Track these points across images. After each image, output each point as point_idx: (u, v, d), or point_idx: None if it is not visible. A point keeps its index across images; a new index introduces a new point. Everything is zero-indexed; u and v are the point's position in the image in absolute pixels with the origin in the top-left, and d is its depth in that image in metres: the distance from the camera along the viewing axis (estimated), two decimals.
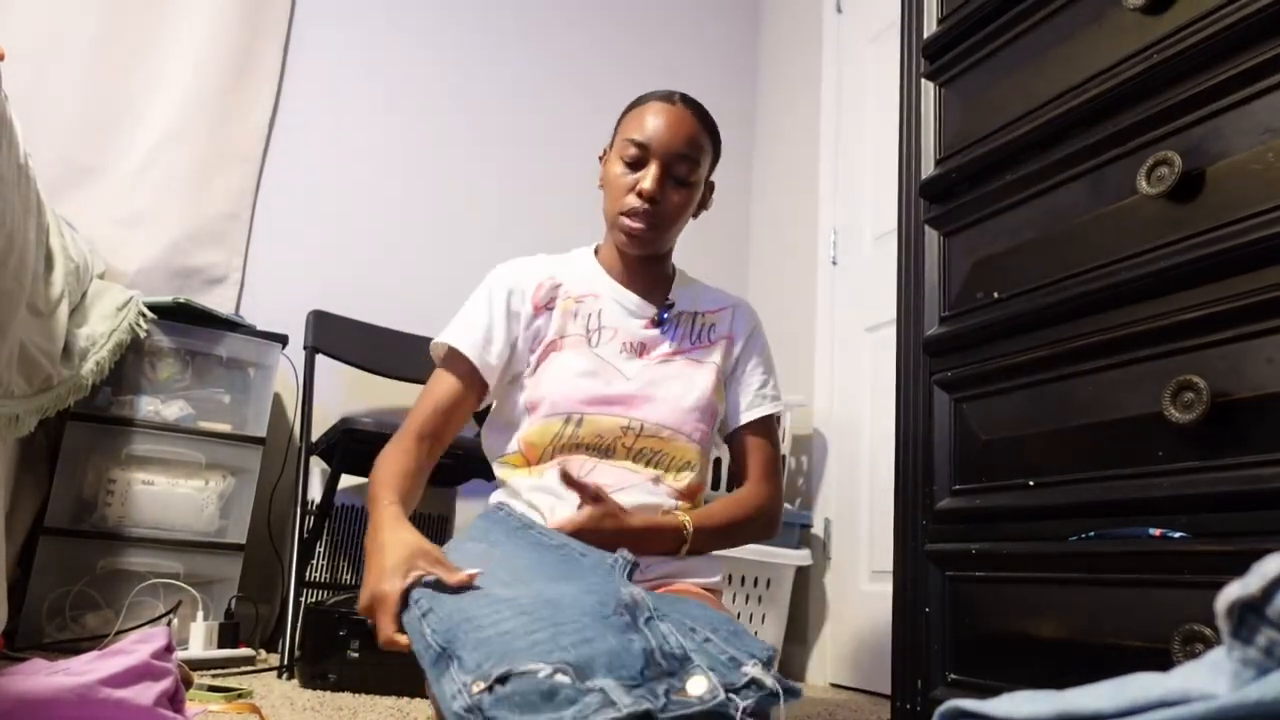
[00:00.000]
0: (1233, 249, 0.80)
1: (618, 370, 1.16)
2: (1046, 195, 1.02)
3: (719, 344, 1.22)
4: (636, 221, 1.14)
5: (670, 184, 1.15)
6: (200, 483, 1.92)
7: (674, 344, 1.20)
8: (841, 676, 2.23)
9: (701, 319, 1.24)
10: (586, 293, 1.21)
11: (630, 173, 1.15)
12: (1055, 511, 0.93)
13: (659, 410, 1.13)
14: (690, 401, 1.16)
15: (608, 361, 1.16)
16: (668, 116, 1.15)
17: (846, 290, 2.49)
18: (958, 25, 1.16)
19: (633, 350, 1.18)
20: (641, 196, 1.13)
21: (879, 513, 2.19)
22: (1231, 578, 0.39)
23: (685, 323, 1.23)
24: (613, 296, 1.21)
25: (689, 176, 1.16)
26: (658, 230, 1.16)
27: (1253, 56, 0.82)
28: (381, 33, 2.63)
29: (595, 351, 1.16)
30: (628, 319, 1.20)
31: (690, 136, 1.15)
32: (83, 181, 2.17)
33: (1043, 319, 0.98)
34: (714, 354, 1.21)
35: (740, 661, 0.68)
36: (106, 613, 1.77)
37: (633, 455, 1.12)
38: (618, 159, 1.16)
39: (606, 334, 1.18)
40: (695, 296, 1.26)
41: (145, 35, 2.29)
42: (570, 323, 1.18)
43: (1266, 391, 0.77)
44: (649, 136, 1.14)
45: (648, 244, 1.18)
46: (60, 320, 1.62)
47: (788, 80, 2.98)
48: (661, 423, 1.13)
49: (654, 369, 1.17)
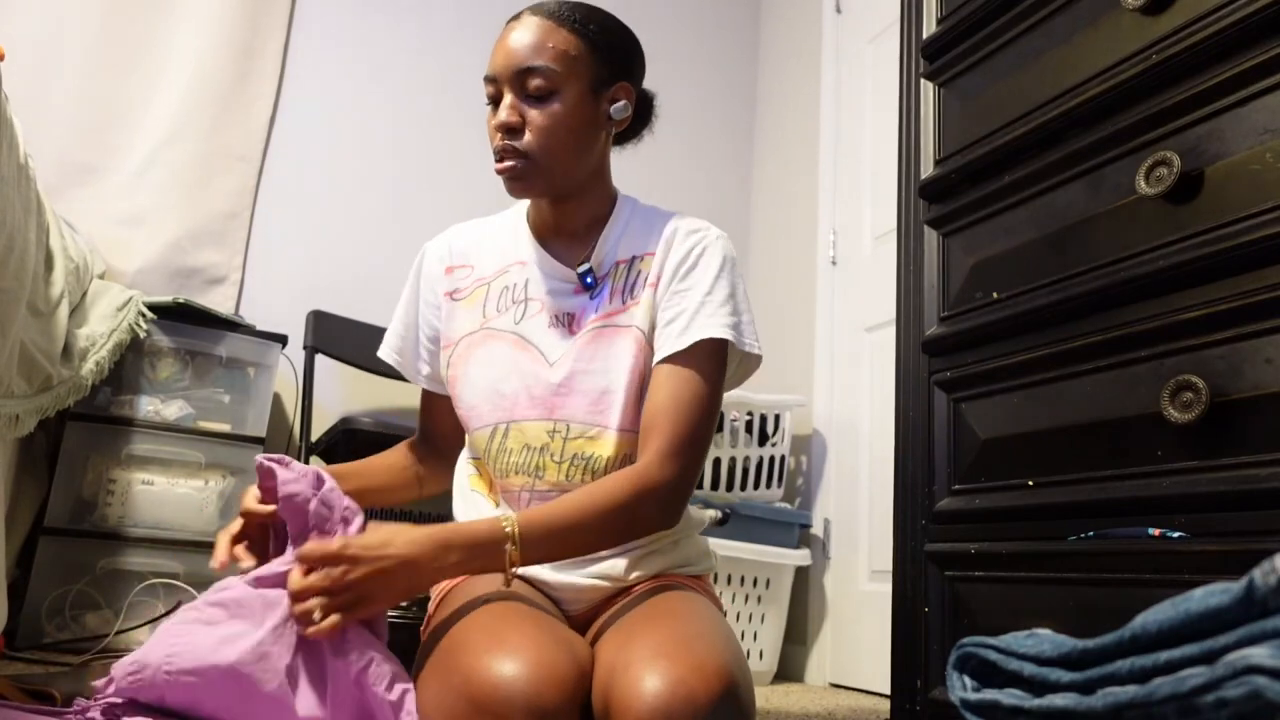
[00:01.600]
0: (1232, 249, 0.80)
1: (542, 355, 1.01)
2: (1046, 195, 1.02)
3: (645, 294, 1.01)
4: (502, 162, 0.98)
5: (527, 105, 0.97)
6: (200, 482, 1.92)
7: (600, 310, 1.02)
8: (841, 676, 2.23)
9: (636, 265, 1.03)
10: (511, 262, 1.07)
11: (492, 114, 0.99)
12: (1055, 511, 0.93)
13: (581, 405, 0.98)
14: (612, 384, 0.99)
15: (532, 343, 1.01)
16: (508, 35, 0.99)
17: (846, 290, 2.49)
18: (957, 26, 1.16)
19: (561, 324, 1.02)
20: (497, 130, 0.97)
21: (878, 512, 2.19)
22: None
23: (618, 276, 1.03)
24: (537, 262, 1.05)
25: (548, 86, 0.96)
26: (530, 162, 0.97)
27: (1252, 56, 0.82)
28: (382, 33, 2.63)
29: (519, 332, 1.02)
30: (555, 286, 1.04)
31: (535, 43, 0.97)
32: (83, 181, 2.17)
33: (1042, 319, 0.98)
34: (639, 310, 1.01)
35: None
36: (106, 613, 1.77)
37: (564, 469, 0.98)
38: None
39: (533, 307, 1.03)
40: (637, 233, 1.06)
41: (145, 35, 2.29)
42: (488, 305, 1.05)
43: (1266, 391, 0.77)
44: (494, 67, 0.98)
45: (528, 183, 0.99)
46: (60, 320, 1.62)
47: (787, 80, 2.98)
48: (587, 420, 0.98)
49: (578, 348, 1.00)
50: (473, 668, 0.77)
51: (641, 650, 0.79)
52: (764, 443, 2.28)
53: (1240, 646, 0.40)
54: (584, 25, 1.01)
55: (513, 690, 0.74)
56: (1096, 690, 0.48)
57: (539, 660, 0.76)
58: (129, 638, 1.73)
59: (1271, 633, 0.40)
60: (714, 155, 3.03)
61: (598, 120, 1.02)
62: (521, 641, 0.78)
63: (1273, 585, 0.40)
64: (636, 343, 1.00)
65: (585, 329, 1.01)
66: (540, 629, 0.82)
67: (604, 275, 1.04)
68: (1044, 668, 0.52)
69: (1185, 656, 0.43)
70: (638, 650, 0.79)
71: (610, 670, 0.79)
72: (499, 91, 0.98)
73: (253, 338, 2.07)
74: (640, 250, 1.04)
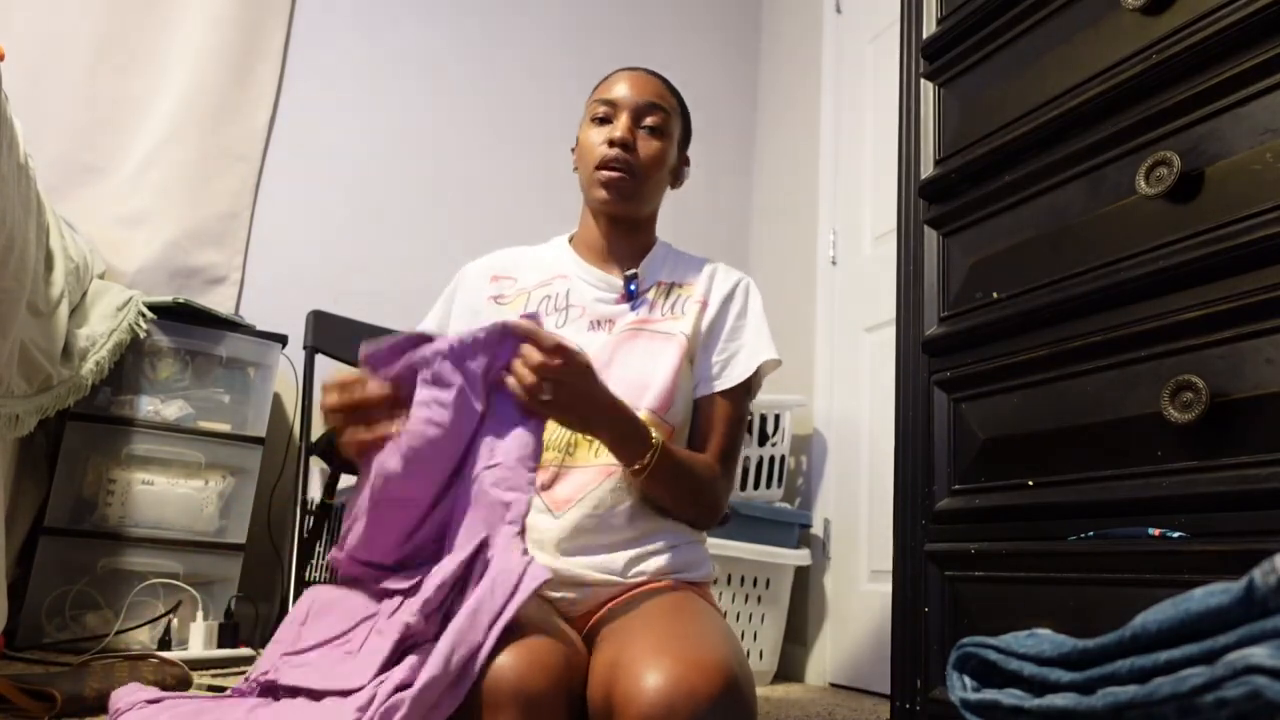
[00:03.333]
0: (1232, 249, 0.80)
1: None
2: (1046, 195, 1.02)
3: (691, 311, 1.15)
4: (612, 170, 1.13)
5: (642, 134, 1.15)
6: (200, 482, 1.92)
7: (640, 316, 1.14)
8: (841, 676, 2.23)
9: (678, 289, 1.18)
10: (553, 276, 1.19)
11: (601, 129, 1.15)
12: (1054, 511, 0.93)
13: (617, 391, 1.04)
14: (649, 377, 1.09)
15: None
16: (633, 75, 1.18)
17: (846, 290, 2.49)
18: (957, 25, 1.16)
19: (601, 328, 1.14)
20: (613, 144, 1.13)
21: (878, 512, 2.19)
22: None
23: (659, 294, 1.17)
24: (580, 275, 1.18)
25: (661, 125, 1.16)
26: (635, 178, 1.14)
27: (1252, 56, 0.82)
28: (382, 32, 2.64)
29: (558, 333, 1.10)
30: (597, 295, 1.17)
31: (657, 90, 1.17)
32: (83, 181, 2.17)
33: (1042, 319, 0.98)
34: (683, 323, 1.14)
35: None
36: (106, 612, 1.77)
37: (594, 447, 1.06)
38: (589, 123, 1.17)
39: (574, 312, 1.15)
40: (675, 267, 1.21)
41: (145, 35, 2.29)
42: (525, 306, 1.15)
43: (1266, 391, 0.77)
44: (615, 94, 1.16)
45: (626, 194, 1.14)
46: (60, 320, 1.62)
47: (788, 80, 2.98)
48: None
49: (617, 344, 1.11)
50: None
51: (643, 647, 0.79)
52: (764, 443, 2.28)
53: (1240, 646, 0.40)
54: (678, 96, 1.21)
55: (500, 679, 0.75)
56: (1096, 690, 0.48)
57: (526, 649, 0.78)
58: (129, 638, 1.74)
59: (1271, 633, 0.40)
60: (714, 155, 3.03)
61: (674, 172, 1.22)
62: (508, 632, 0.79)
63: (1273, 585, 0.40)
64: (680, 347, 1.12)
65: (621, 329, 1.12)
66: (528, 618, 0.83)
67: (645, 290, 1.17)
68: (1044, 668, 0.52)
69: (1185, 656, 0.43)
70: (640, 647, 0.80)
71: (612, 666, 0.80)
72: (613, 114, 1.15)
73: (253, 338, 2.07)
74: (679, 280, 1.19)
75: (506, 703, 0.75)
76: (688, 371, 1.13)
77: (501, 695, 0.75)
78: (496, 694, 0.75)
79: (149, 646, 1.73)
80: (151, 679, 1.22)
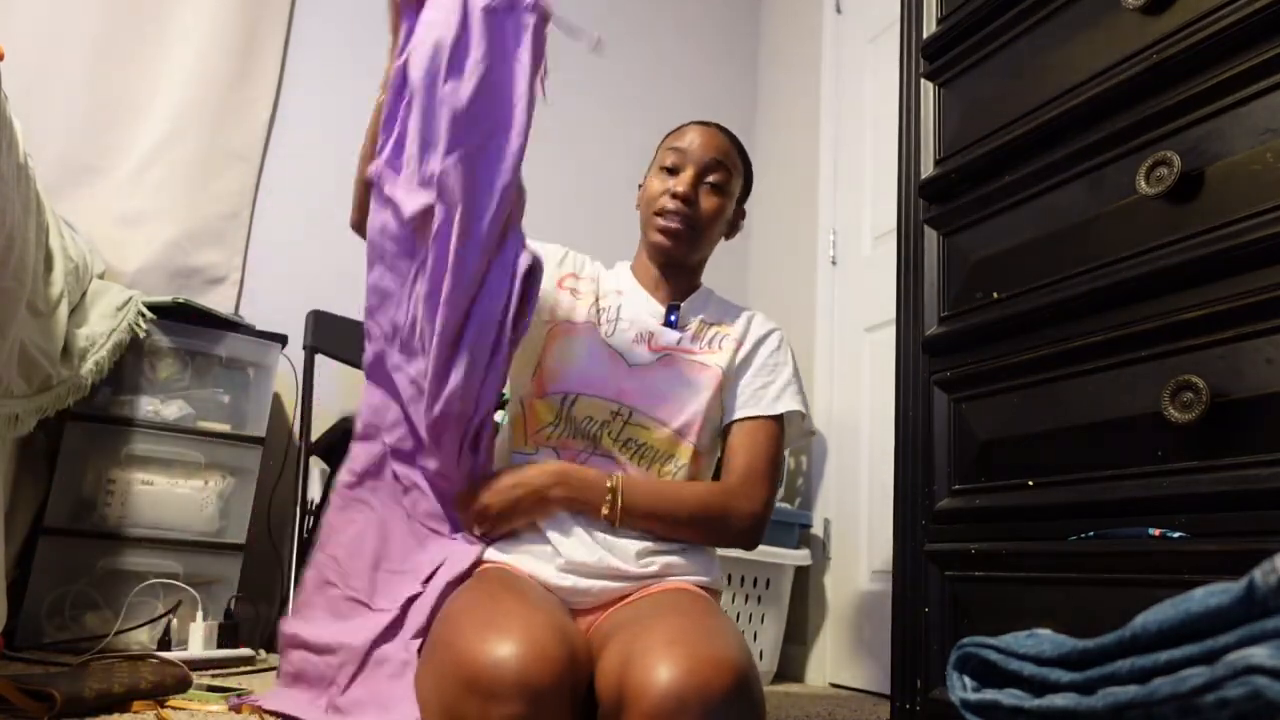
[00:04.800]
0: (1232, 249, 0.80)
1: (623, 358, 1.19)
2: (1046, 195, 1.02)
3: (728, 348, 1.23)
4: (670, 220, 1.20)
5: (704, 189, 1.22)
6: (200, 483, 1.92)
7: (680, 345, 1.22)
8: (841, 676, 2.23)
9: (717, 328, 1.26)
10: (611, 289, 1.27)
11: (668, 179, 1.22)
12: (1055, 511, 0.93)
13: (650, 401, 1.15)
14: (685, 398, 1.17)
15: (617, 350, 1.19)
16: (704, 130, 1.25)
17: (846, 290, 2.49)
18: (957, 25, 1.16)
19: (643, 340, 1.21)
20: (676, 197, 1.20)
21: (878, 513, 2.19)
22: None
23: (699, 329, 1.25)
24: (633, 295, 1.27)
25: (723, 183, 1.23)
26: (691, 229, 1.21)
27: (1253, 56, 0.82)
28: (382, 32, 2.63)
29: (608, 340, 1.20)
30: (645, 314, 1.25)
31: (725, 148, 1.24)
32: (83, 181, 2.17)
33: (1042, 319, 0.98)
34: (719, 357, 1.22)
35: None
36: (106, 613, 1.77)
37: (619, 444, 1.14)
38: (657, 169, 1.25)
39: (622, 325, 1.22)
40: (716, 309, 1.29)
41: (145, 35, 2.29)
42: (590, 310, 1.23)
43: (1266, 391, 0.77)
44: (686, 145, 1.23)
45: (681, 242, 1.22)
46: (60, 320, 1.62)
47: (788, 80, 2.98)
48: (650, 414, 1.15)
49: (659, 364, 1.19)
50: (464, 650, 0.78)
51: (655, 640, 0.80)
52: None
53: (1240, 646, 0.40)
54: (744, 157, 1.29)
55: (503, 670, 0.75)
56: (1097, 690, 0.48)
57: (529, 641, 0.78)
58: (128, 638, 1.73)
59: (1272, 633, 0.40)
60: None
61: (730, 224, 1.29)
62: (511, 624, 0.80)
63: (1273, 585, 0.40)
64: (716, 379, 1.19)
65: (662, 352, 1.21)
66: (532, 612, 0.83)
67: (686, 324, 1.25)
68: (1044, 668, 0.52)
69: (1185, 656, 0.43)
70: (652, 640, 0.80)
71: (624, 658, 0.80)
72: (681, 166, 1.22)
73: (253, 338, 2.06)
74: (718, 320, 1.27)
75: (510, 695, 0.75)
76: (718, 404, 1.20)
77: (505, 688, 0.75)
78: (500, 686, 0.75)
79: (149, 647, 1.73)
80: (151, 679, 1.22)
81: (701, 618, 0.89)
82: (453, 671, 0.78)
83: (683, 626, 0.85)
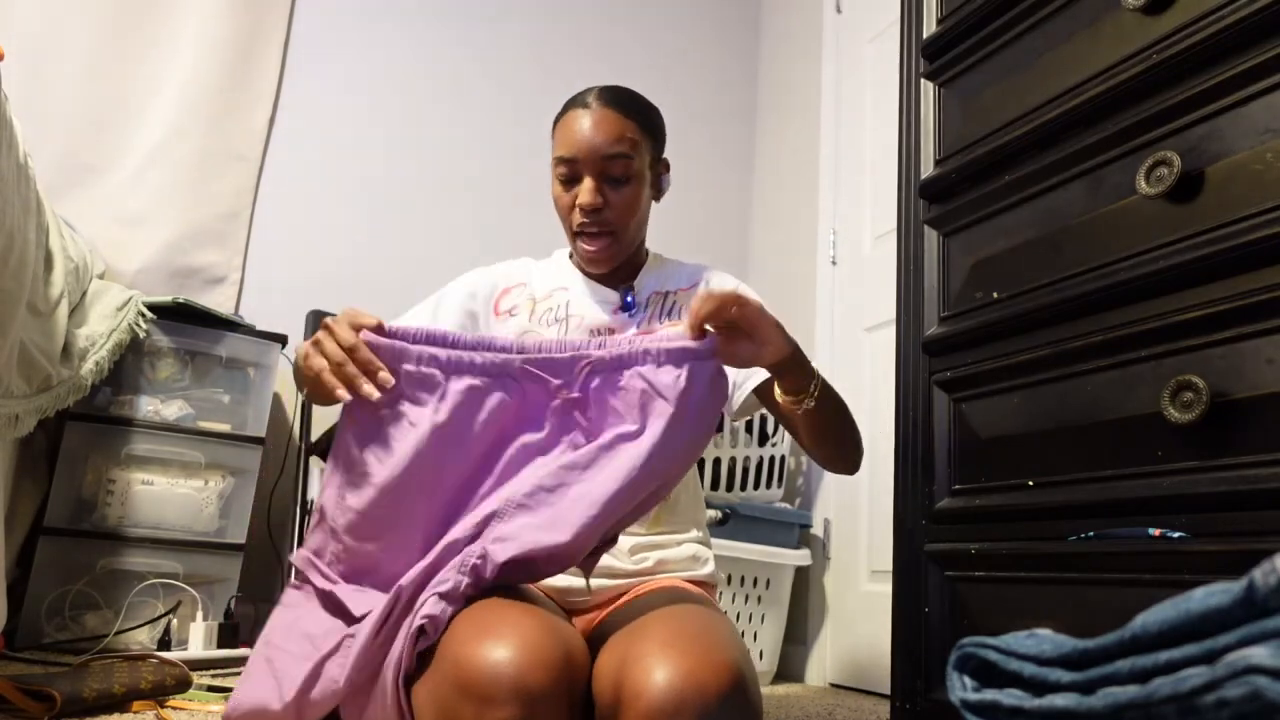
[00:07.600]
0: (1232, 249, 0.80)
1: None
2: (1046, 195, 1.02)
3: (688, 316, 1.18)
4: (590, 243, 1.13)
5: (608, 187, 1.12)
6: (200, 482, 1.92)
7: (641, 328, 1.16)
8: (841, 676, 2.23)
9: (673, 297, 1.19)
10: (555, 288, 1.20)
11: (567, 190, 1.13)
12: (1055, 511, 0.93)
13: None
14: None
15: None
16: (586, 122, 1.12)
17: (845, 290, 2.49)
18: (957, 25, 1.16)
19: (600, 335, 1.15)
20: (583, 211, 1.12)
21: (878, 513, 2.19)
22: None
23: (655, 304, 1.19)
24: (580, 287, 1.20)
25: (626, 173, 1.12)
26: (614, 237, 1.14)
27: (1253, 56, 0.82)
28: (382, 33, 2.63)
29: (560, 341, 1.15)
30: (596, 307, 1.18)
31: (614, 135, 1.11)
32: (83, 181, 2.17)
33: (1042, 319, 0.98)
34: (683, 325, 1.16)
35: None
36: (106, 613, 1.77)
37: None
38: (555, 180, 1.15)
39: (574, 321, 1.17)
40: (668, 276, 1.22)
41: (145, 35, 2.29)
42: (534, 319, 1.17)
43: (1266, 391, 0.77)
44: (573, 149, 1.11)
45: (608, 251, 1.15)
46: (60, 320, 1.62)
47: (788, 80, 2.98)
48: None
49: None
50: (459, 655, 0.78)
51: (653, 642, 0.80)
52: (764, 443, 2.28)
53: (1241, 646, 0.40)
54: (643, 115, 1.16)
55: (499, 674, 0.75)
56: (1097, 690, 0.48)
57: (525, 644, 0.77)
58: (128, 638, 1.74)
59: (1272, 633, 0.40)
60: (714, 155, 3.04)
61: (654, 193, 1.20)
62: (507, 628, 0.79)
63: (1273, 585, 0.40)
64: None
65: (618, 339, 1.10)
66: (528, 616, 0.83)
67: (643, 302, 1.18)
68: (1044, 668, 0.52)
69: (1185, 656, 0.43)
70: (649, 642, 0.80)
71: (621, 661, 0.80)
72: (576, 172, 1.12)
73: (252, 338, 2.07)
74: (673, 287, 1.20)
75: (506, 699, 0.74)
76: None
77: (501, 692, 0.75)
78: (496, 691, 0.75)
79: (149, 647, 1.73)
80: (151, 679, 1.22)
81: (698, 618, 0.89)
82: (449, 676, 0.77)
83: (679, 627, 0.84)
